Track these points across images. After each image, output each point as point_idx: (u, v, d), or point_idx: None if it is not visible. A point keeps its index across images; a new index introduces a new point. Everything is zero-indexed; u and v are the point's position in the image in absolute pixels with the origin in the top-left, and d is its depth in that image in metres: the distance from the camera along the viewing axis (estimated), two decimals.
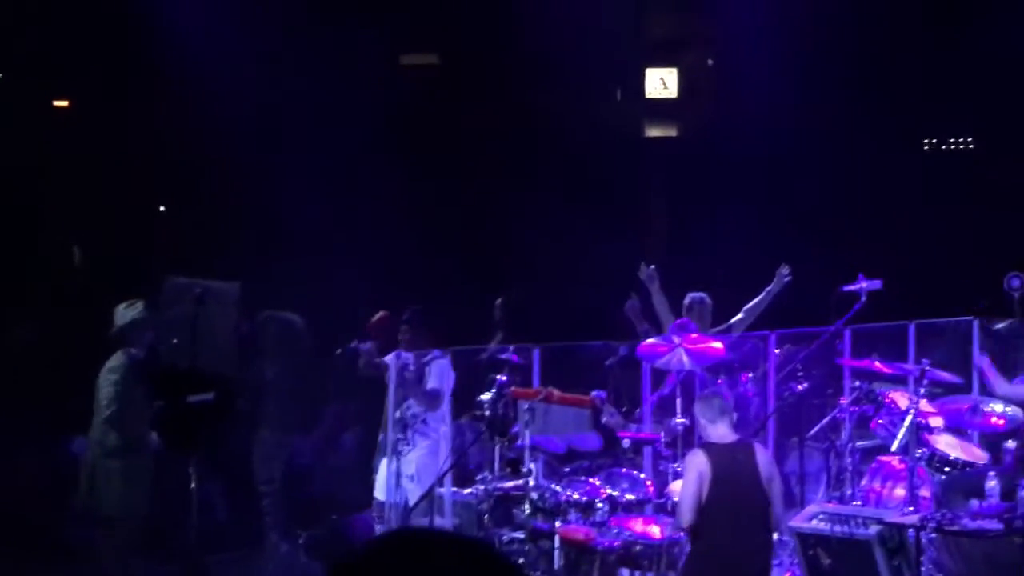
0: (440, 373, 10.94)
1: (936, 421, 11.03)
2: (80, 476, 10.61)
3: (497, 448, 10.64)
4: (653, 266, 12.31)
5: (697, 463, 9.00)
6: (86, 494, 10.44)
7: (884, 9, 17.94)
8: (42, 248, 17.16)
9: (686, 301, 12.33)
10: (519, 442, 10.39)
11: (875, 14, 17.93)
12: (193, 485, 9.46)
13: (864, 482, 11.09)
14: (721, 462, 8.98)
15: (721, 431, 9.15)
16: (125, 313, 10.33)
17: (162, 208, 19.41)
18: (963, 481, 10.68)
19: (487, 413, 10.34)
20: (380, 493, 10.93)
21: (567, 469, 11.05)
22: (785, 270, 12.18)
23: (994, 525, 9.36)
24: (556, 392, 10.66)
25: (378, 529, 10.90)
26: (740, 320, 12.28)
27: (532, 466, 10.54)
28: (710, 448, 9.08)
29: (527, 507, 10.03)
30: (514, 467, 10.52)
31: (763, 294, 12.25)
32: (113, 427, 10.19)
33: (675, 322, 11.62)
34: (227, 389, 9.43)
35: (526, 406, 10.35)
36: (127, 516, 10.22)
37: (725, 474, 8.97)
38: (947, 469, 10.85)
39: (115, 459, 10.23)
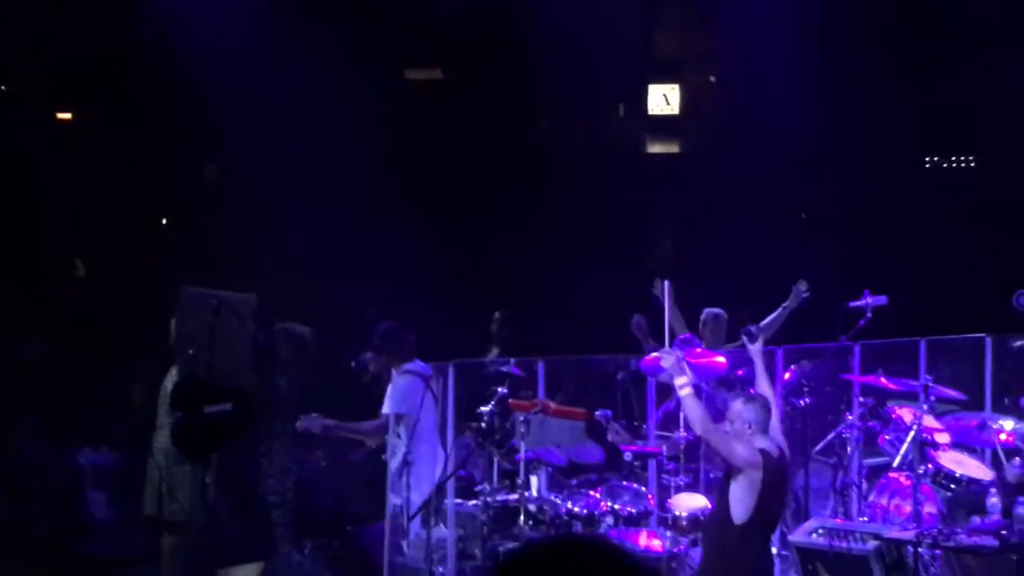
0: (392, 395, 10.99)
1: (942, 437, 11.04)
2: (145, 486, 10.64)
3: (496, 460, 10.67)
4: (668, 280, 12.33)
5: (754, 464, 8.53)
6: (155, 502, 10.46)
7: (886, 27, 18.01)
8: (45, 261, 17.18)
9: (702, 316, 12.38)
10: (518, 454, 10.42)
11: (877, 32, 18.00)
12: (210, 496, 9.46)
13: (871, 498, 11.10)
14: (773, 479, 8.62)
15: (767, 442, 8.72)
16: None
17: (164, 220, 19.45)
18: (967, 498, 10.70)
19: (483, 425, 10.35)
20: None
21: (574, 482, 11.07)
22: (803, 286, 12.19)
23: (990, 541, 9.39)
24: (551, 404, 10.68)
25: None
26: None
27: (533, 479, 10.58)
28: (768, 459, 8.58)
29: (521, 519, 10.06)
30: (512, 479, 10.55)
31: (779, 310, 12.25)
32: None
33: (679, 337, 11.66)
34: (245, 400, 9.41)
35: (521, 418, 10.37)
36: (197, 520, 10.22)
37: (773, 490, 8.67)
38: (952, 486, 10.86)
39: (186, 465, 10.24)
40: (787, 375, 11.68)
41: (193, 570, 10.49)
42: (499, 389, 10.43)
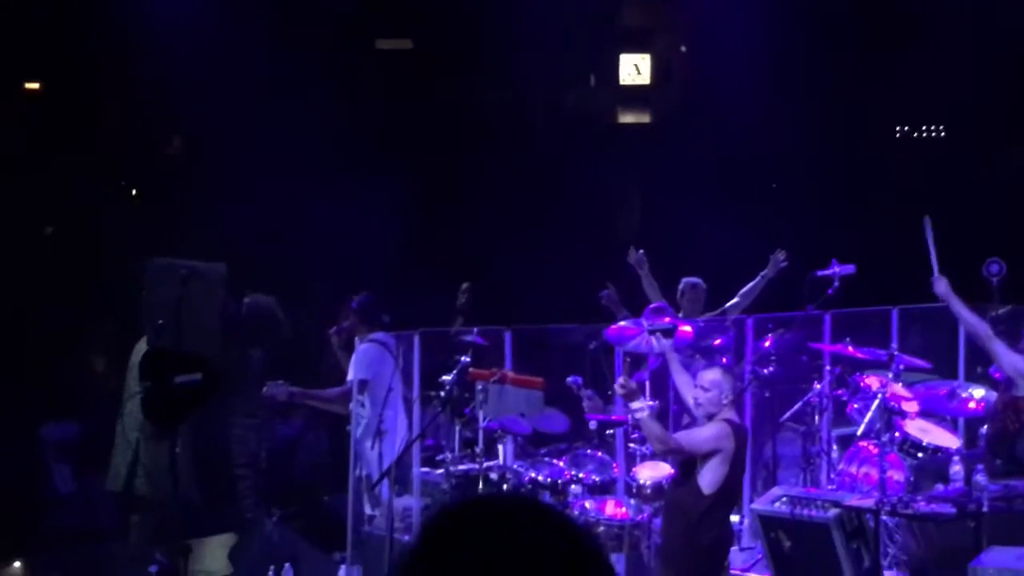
0: (356, 362, 10.99)
1: (910, 406, 11.01)
2: (112, 462, 10.54)
3: (457, 429, 10.64)
4: (642, 250, 12.31)
5: (725, 437, 8.72)
6: (123, 478, 10.37)
7: None
8: (13, 228, 17.04)
9: (679, 286, 12.40)
10: (482, 423, 10.38)
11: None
12: (178, 467, 9.41)
13: (841, 466, 11.09)
14: (740, 447, 8.85)
15: (732, 412, 8.97)
16: None
17: (134, 192, 19.36)
18: (932, 466, 10.70)
19: (442, 393, 10.32)
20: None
21: (543, 451, 11.03)
22: (781, 255, 12.22)
23: (947, 509, 9.41)
24: (510, 373, 10.65)
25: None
26: (735, 304, 12.33)
27: (500, 448, 10.56)
28: (736, 428, 8.85)
29: (480, 486, 10.03)
30: (471, 447, 10.52)
31: (758, 278, 12.30)
32: None
33: (651, 306, 11.62)
34: (214, 371, 9.34)
35: (480, 387, 10.34)
36: (168, 494, 10.13)
37: (740, 459, 8.88)
38: (919, 454, 10.86)
39: (163, 440, 10.14)
40: (767, 343, 11.66)
41: (163, 543, 10.44)
42: (462, 358, 10.39)
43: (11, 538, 12.00)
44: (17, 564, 11.21)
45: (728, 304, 12.42)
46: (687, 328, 10.94)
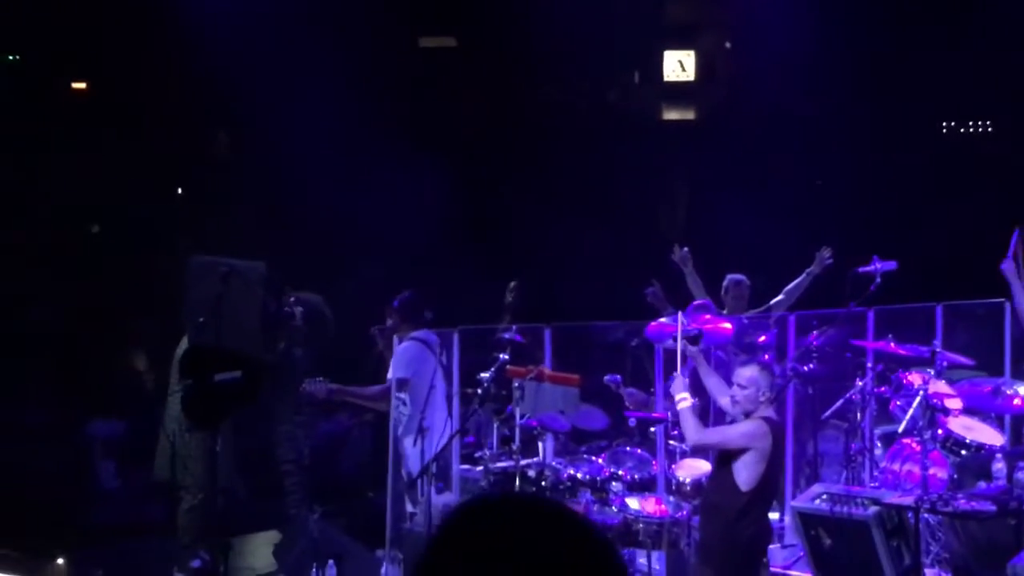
0: (395, 360, 11.03)
1: (953, 403, 10.93)
2: (156, 453, 10.65)
3: (495, 426, 10.64)
4: (686, 247, 12.31)
5: (760, 435, 8.72)
6: (167, 469, 10.48)
7: None
8: (58, 227, 17.18)
9: (724, 283, 12.40)
10: (521, 419, 10.38)
11: None
12: (220, 464, 9.49)
13: (884, 463, 11.03)
14: (778, 443, 8.86)
15: (770, 410, 8.95)
16: None
17: (179, 190, 19.46)
18: (975, 463, 10.62)
19: (479, 391, 10.34)
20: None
21: (583, 448, 11.03)
22: (827, 252, 12.21)
23: (987, 506, 9.35)
24: (547, 370, 10.66)
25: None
26: (780, 301, 12.32)
27: (540, 445, 10.55)
28: (773, 425, 8.84)
29: (517, 483, 10.03)
30: (508, 444, 10.53)
31: (803, 275, 12.29)
32: None
33: (694, 303, 11.61)
34: (254, 368, 9.40)
35: (517, 384, 10.35)
36: (207, 489, 10.22)
37: (778, 456, 8.91)
38: (962, 451, 10.78)
39: (199, 432, 10.24)
40: (813, 339, 11.61)
41: (208, 538, 10.53)
42: (500, 356, 10.40)
43: (55, 533, 12.08)
44: (61, 560, 11.29)
45: (773, 301, 12.40)
46: (727, 326, 10.91)
